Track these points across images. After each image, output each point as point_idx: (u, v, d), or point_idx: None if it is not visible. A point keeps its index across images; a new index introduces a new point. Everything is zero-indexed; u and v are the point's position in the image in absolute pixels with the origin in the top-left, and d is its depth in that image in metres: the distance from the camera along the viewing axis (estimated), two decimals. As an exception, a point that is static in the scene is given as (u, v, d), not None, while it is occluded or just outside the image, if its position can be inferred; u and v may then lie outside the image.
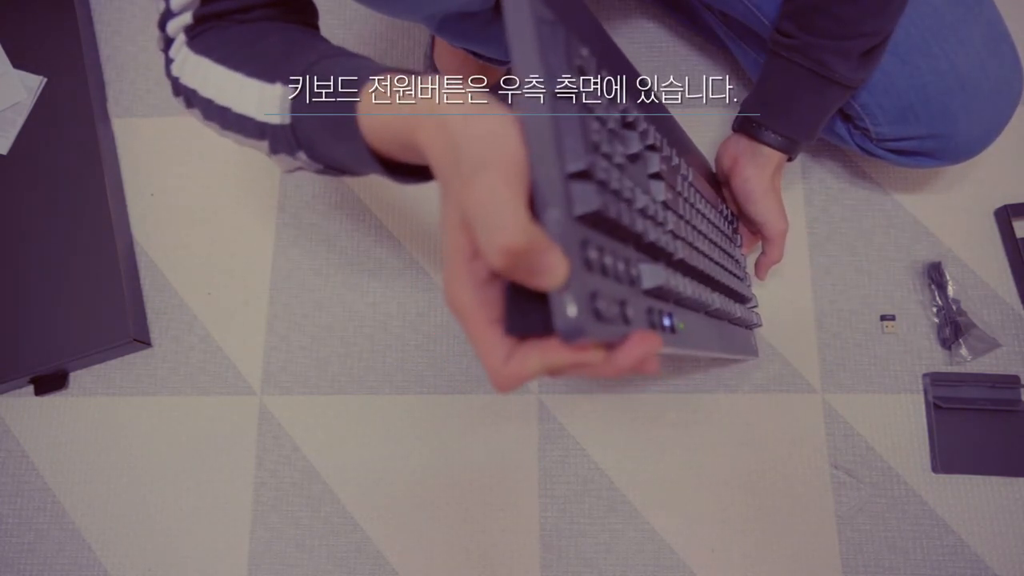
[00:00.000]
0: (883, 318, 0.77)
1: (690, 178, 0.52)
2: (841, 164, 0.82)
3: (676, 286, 0.37)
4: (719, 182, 0.70)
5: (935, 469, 0.73)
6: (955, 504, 0.72)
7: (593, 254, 0.28)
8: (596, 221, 0.29)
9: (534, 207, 0.27)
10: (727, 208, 0.68)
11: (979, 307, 0.77)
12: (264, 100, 0.41)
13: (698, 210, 0.53)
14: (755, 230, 0.69)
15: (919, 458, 0.73)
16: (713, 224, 0.58)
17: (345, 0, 0.90)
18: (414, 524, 0.75)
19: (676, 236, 0.42)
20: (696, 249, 0.48)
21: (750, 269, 0.72)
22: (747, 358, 0.73)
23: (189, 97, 0.45)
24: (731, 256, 0.63)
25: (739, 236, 0.70)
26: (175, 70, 0.46)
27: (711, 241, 0.55)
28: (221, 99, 0.43)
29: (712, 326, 0.51)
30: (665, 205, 0.42)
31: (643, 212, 0.35)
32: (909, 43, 0.61)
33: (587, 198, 0.28)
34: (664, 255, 0.39)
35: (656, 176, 0.42)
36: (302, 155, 0.41)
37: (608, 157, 0.32)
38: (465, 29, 0.60)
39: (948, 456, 0.72)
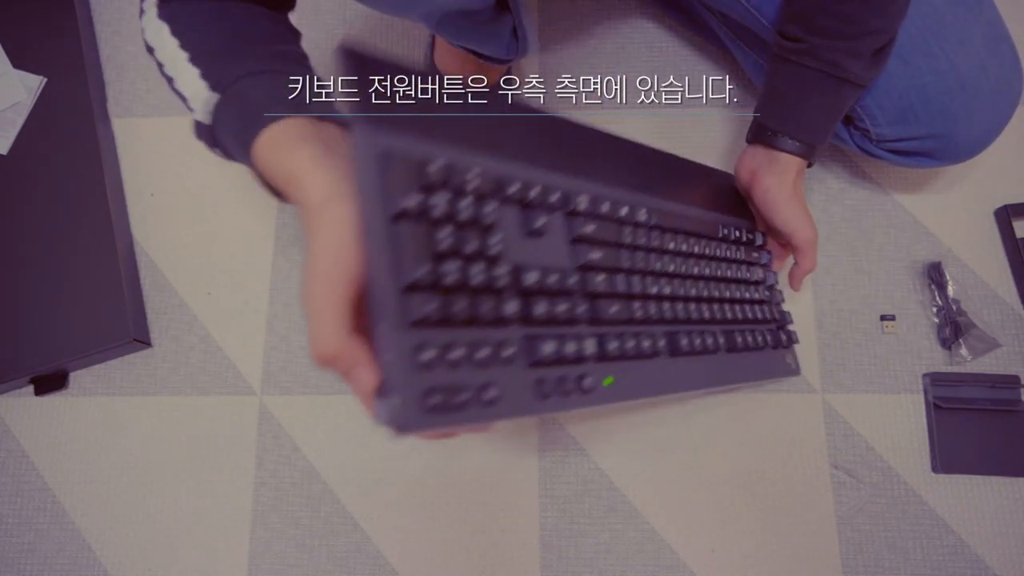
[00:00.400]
0: (883, 318, 0.77)
1: (653, 221, 0.50)
2: (841, 164, 0.82)
3: (578, 351, 0.38)
4: (741, 198, 0.68)
5: (935, 469, 0.73)
6: (955, 504, 0.72)
7: (429, 355, 0.30)
8: (443, 320, 0.32)
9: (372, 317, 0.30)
10: (735, 230, 0.63)
11: (979, 307, 0.77)
12: (195, 95, 0.45)
13: (669, 250, 0.51)
14: (784, 242, 0.67)
15: (919, 458, 0.73)
16: (705, 257, 0.56)
17: (345, 0, 0.90)
18: (414, 524, 0.75)
19: (596, 296, 0.42)
20: (650, 297, 0.47)
21: (783, 283, 0.69)
22: (774, 381, 0.70)
23: (150, 52, 0.49)
24: (740, 281, 0.61)
25: (765, 253, 0.68)
26: (144, 23, 0.50)
27: (694, 277, 0.54)
28: (168, 70, 0.47)
29: (688, 364, 0.49)
30: (587, 267, 0.42)
31: (528, 290, 0.37)
32: (909, 43, 0.61)
33: (420, 306, 0.30)
34: (580, 320, 0.40)
35: (581, 240, 0.43)
36: (219, 152, 0.46)
37: (468, 257, 0.34)
38: (465, 27, 0.60)
39: (948, 456, 0.72)
